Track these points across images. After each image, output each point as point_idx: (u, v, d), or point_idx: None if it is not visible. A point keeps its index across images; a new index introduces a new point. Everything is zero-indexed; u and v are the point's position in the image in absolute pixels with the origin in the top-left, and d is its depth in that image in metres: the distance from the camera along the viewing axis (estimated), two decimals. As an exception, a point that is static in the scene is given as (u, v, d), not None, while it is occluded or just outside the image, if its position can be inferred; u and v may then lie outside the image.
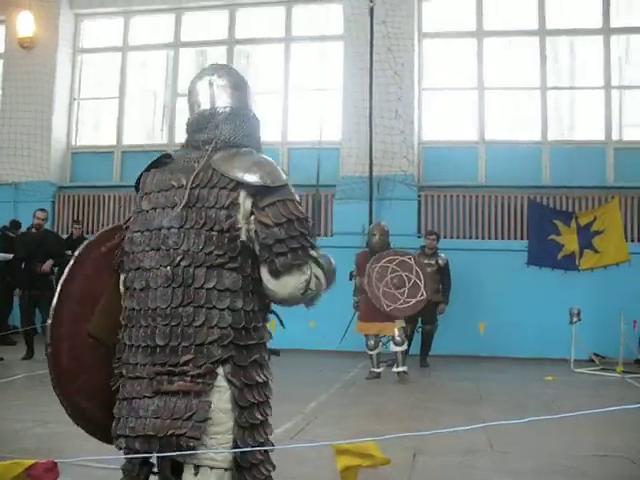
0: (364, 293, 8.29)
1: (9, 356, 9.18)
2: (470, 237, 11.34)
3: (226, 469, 2.28)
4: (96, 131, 13.82)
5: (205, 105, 2.51)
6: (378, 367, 8.53)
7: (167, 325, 2.30)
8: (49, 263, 9.32)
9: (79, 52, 13.46)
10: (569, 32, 11.91)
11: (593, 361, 9.83)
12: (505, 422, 2.90)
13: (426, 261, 9.75)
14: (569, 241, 10.94)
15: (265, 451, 2.42)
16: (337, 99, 11.94)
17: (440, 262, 9.76)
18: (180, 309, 2.30)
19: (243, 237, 2.34)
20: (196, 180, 2.35)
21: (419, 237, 10.60)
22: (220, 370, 2.28)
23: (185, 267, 2.31)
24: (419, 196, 11.44)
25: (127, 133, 13.27)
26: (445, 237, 11.04)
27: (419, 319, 9.81)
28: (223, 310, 2.31)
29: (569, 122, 12.27)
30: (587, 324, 9.59)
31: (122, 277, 2.50)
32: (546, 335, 10.43)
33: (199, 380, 2.25)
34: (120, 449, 2.36)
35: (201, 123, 2.50)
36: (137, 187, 2.56)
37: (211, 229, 2.31)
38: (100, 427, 2.48)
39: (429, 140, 11.96)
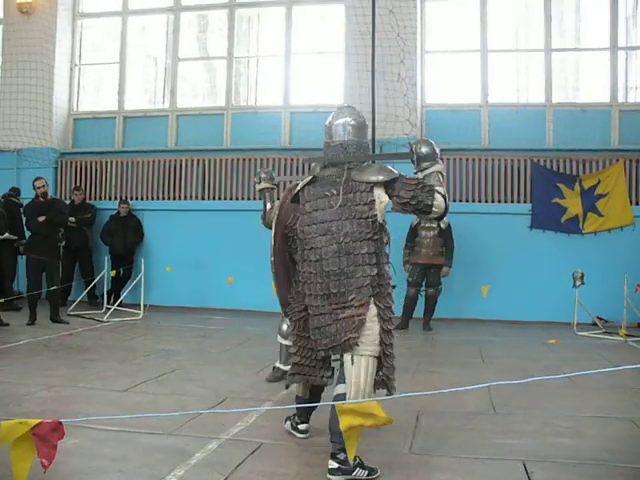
0: None
1: (14, 321, 9.24)
2: (473, 200, 11.29)
3: (375, 357, 3.81)
4: (97, 97, 13.71)
5: (342, 138, 3.95)
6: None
7: (338, 280, 3.74)
8: (41, 218, 9.57)
9: (79, 17, 13.29)
10: (575, -9, 11.74)
11: (596, 324, 9.84)
12: (507, 382, 2.92)
13: (427, 224, 9.78)
14: (573, 204, 10.88)
15: (391, 347, 3.94)
16: (339, 62, 11.84)
17: (442, 225, 9.76)
18: (345, 269, 3.74)
19: (379, 219, 3.80)
20: (344, 189, 3.81)
21: (422, 201, 10.54)
22: (371, 299, 3.73)
23: (346, 242, 3.75)
24: (422, 160, 11.36)
25: (128, 98, 13.15)
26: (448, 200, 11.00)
27: (423, 282, 9.86)
28: (371, 265, 3.74)
29: (574, 84, 12.11)
30: (590, 287, 9.58)
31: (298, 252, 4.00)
32: (549, 298, 10.45)
33: (361, 308, 3.70)
34: (320, 354, 3.92)
35: (340, 150, 3.94)
36: (295, 199, 4.06)
37: (359, 218, 3.77)
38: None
39: (432, 103, 11.84)
